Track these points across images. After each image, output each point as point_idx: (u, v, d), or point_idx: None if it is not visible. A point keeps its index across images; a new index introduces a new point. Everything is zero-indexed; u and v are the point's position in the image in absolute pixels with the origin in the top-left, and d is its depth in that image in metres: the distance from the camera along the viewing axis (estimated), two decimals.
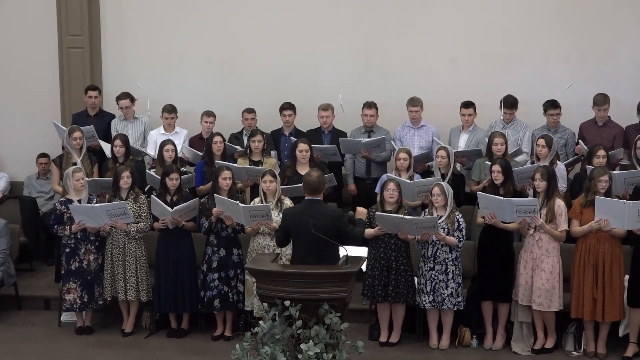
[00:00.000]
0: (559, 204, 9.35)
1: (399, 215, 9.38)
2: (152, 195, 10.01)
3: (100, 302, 10.23)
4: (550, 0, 12.38)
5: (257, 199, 10.01)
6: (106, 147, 11.41)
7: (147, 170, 10.94)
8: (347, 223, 8.43)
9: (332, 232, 8.17)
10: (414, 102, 11.55)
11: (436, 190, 9.54)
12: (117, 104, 12.02)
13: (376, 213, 9.52)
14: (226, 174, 9.91)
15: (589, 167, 9.92)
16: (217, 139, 10.96)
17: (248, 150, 11.05)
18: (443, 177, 10.38)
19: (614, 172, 9.87)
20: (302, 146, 10.61)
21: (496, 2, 12.51)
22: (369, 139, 11.25)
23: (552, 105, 11.25)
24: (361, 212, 8.73)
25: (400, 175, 10.29)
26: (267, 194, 9.85)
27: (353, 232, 8.34)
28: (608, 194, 9.22)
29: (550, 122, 11.28)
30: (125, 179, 10.06)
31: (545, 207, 9.34)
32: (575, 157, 11.16)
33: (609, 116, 11.25)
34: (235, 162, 10.94)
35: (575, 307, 9.37)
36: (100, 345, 10.00)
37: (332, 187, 10.66)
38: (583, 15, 12.29)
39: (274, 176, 9.86)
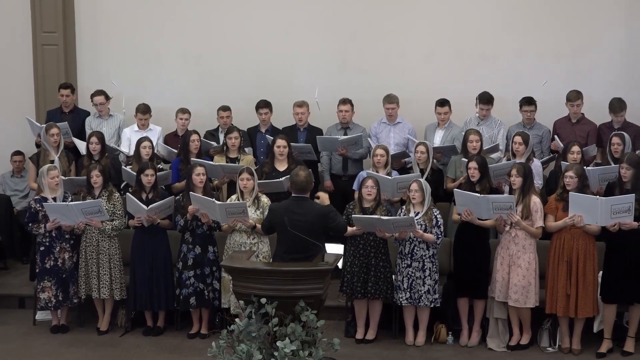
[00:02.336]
0: (535, 200, 9.39)
1: (376, 216, 9.39)
2: (128, 193, 9.99)
3: (76, 301, 10.19)
4: None
5: (233, 196, 10.00)
6: (80, 144, 11.36)
7: (123, 167, 10.90)
8: (334, 218, 8.46)
9: (319, 228, 8.22)
10: (390, 99, 11.57)
11: (414, 186, 9.56)
12: (92, 100, 11.96)
13: (352, 216, 9.51)
14: (199, 170, 9.89)
15: (564, 164, 9.98)
16: (195, 137, 10.94)
17: (224, 147, 11.04)
18: (422, 172, 10.40)
19: (588, 168, 9.92)
20: (280, 142, 10.62)
21: (471, 0, 12.54)
22: (346, 137, 11.25)
23: (527, 102, 11.31)
24: (323, 197, 8.81)
25: (377, 172, 10.30)
26: (243, 192, 9.83)
27: (339, 224, 8.48)
28: (584, 190, 9.27)
29: (525, 119, 11.34)
30: (95, 178, 10.03)
31: (521, 204, 9.38)
32: (550, 155, 11.22)
33: (582, 113, 11.31)
34: (211, 159, 10.94)
35: (549, 302, 9.42)
36: (75, 343, 9.96)
37: None
38: (557, 13, 12.35)
39: (251, 174, 9.84)
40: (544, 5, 12.38)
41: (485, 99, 11.35)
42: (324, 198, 8.84)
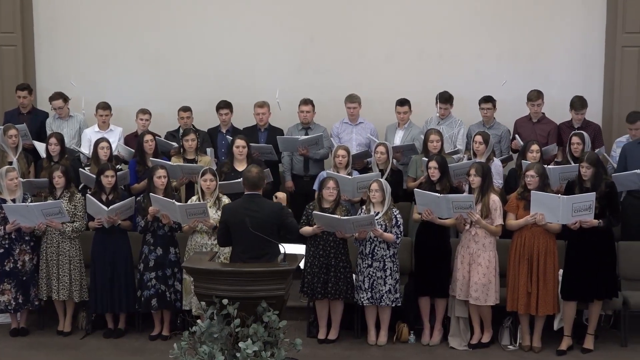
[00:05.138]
0: (494, 199, 9.45)
1: (336, 216, 9.39)
2: (87, 194, 9.92)
3: (36, 303, 10.11)
4: None
5: (194, 197, 9.97)
6: (39, 146, 11.28)
7: (80, 169, 10.82)
8: (287, 215, 8.42)
9: (273, 225, 8.15)
10: (352, 99, 11.59)
11: (374, 186, 9.58)
12: (50, 104, 11.87)
13: (313, 212, 9.52)
14: (161, 172, 9.85)
15: (524, 162, 10.06)
16: (148, 137, 10.89)
17: (181, 149, 11.01)
18: (382, 172, 10.43)
19: (549, 166, 10.00)
20: (239, 142, 10.60)
21: (430, 1, 12.59)
22: (306, 137, 11.26)
23: (484, 100, 11.39)
24: (282, 197, 8.75)
25: (338, 172, 10.31)
26: (205, 193, 9.81)
27: (293, 223, 8.38)
28: (544, 189, 9.34)
29: (484, 117, 11.41)
30: (57, 179, 9.97)
31: (480, 203, 9.43)
32: (508, 154, 11.31)
33: (543, 113, 11.40)
34: (170, 160, 10.90)
35: (510, 300, 9.49)
36: (35, 346, 9.88)
37: (269, 183, 10.63)
38: (516, 13, 12.44)
39: (214, 175, 9.83)
40: (502, 6, 12.46)
41: (445, 98, 11.41)
42: (282, 198, 8.82)
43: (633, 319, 9.78)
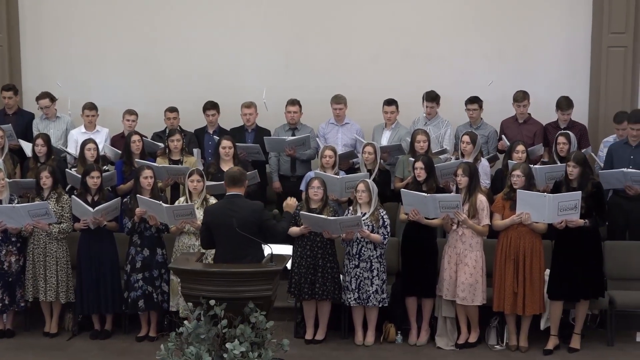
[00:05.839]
0: (481, 199, 9.47)
1: (323, 216, 9.40)
2: (73, 196, 9.89)
3: (22, 304, 10.08)
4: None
5: (181, 198, 9.95)
6: (26, 146, 11.24)
7: (66, 170, 10.79)
8: (269, 217, 8.40)
9: (254, 225, 8.10)
10: (338, 100, 11.59)
11: (361, 186, 9.58)
12: (37, 103, 11.83)
13: (300, 212, 9.52)
14: (147, 173, 9.82)
15: (510, 162, 10.09)
16: (135, 137, 10.87)
17: (167, 150, 11.00)
18: (370, 173, 10.44)
19: (535, 166, 10.03)
20: (225, 143, 10.59)
21: (416, 1, 12.61)
22: (293, 137, 11.26)
23: (470, 101, 11.41)
24: (290, 204, 8.70)
25: (325, 173, 10.30)
26: (193, 193, 9.79)
27: (276, 226, 8.31)
28: (530, 189, 9.36)
29: (470, 118, 11.43)
30: (44, 179, 9.94)
31: (467, 203, 9.45)
32: (493, 154, 11.32)
33: (529, 113, 11.43)
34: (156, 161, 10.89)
35: (496, 300, 9.51)
36: (21, 348, 9.85)
37: (257, 184, 10.64)
38: (502, 14, 12.46)
39: (202, 175, 9.82)
40: (488, 6, 12.48)
41: (431, 97, 11.44)
42: (290, 205, 8.71)
43: (619, 318, 9.82)
